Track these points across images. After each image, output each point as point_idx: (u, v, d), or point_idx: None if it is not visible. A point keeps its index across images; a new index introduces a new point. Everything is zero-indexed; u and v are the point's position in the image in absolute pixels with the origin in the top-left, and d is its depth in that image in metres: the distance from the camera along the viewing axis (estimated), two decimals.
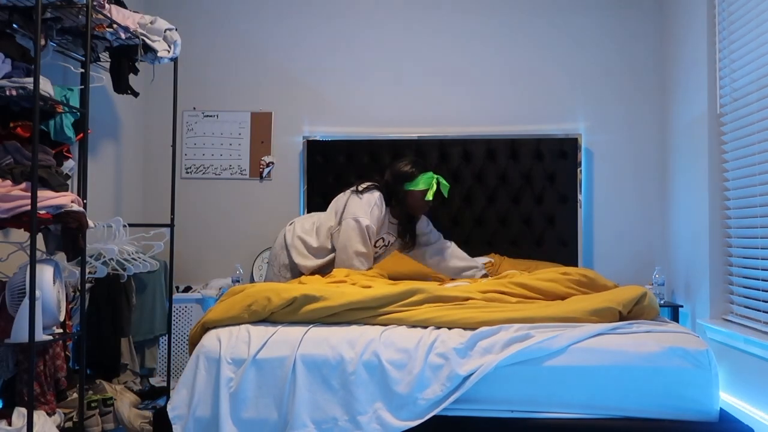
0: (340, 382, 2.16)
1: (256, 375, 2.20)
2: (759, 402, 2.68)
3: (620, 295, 2.49)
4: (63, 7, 2.62)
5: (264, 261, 4.21)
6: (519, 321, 2.31)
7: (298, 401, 2.13)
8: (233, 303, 2.48)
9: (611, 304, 2.41)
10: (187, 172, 4.37)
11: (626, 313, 2.45)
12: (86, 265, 2.71)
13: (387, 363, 2.17)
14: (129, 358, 3.28)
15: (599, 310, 2.38)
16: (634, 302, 2.46)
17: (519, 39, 4.25)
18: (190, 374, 2.25)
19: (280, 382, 2.18)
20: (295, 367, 2.19)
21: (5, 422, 2.27)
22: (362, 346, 2.22)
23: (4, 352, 2.50)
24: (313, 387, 2.17)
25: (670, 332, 2.30)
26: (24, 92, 2.39)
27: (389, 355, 2.19)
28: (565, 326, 2.28)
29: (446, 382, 2.12)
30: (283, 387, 2.18)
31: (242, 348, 2.27)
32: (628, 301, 2.45)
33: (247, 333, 2.32)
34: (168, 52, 3.30)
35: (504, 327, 2.26)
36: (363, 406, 2.12)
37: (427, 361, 2.16)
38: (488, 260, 3.86)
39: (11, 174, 2.36)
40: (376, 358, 2.18)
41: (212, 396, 2.21)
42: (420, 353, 2.17)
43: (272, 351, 2.24)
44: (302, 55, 4.37)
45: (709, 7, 3.32)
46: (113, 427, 2.92)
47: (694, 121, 3.51)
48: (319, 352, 2.22)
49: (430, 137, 4.20)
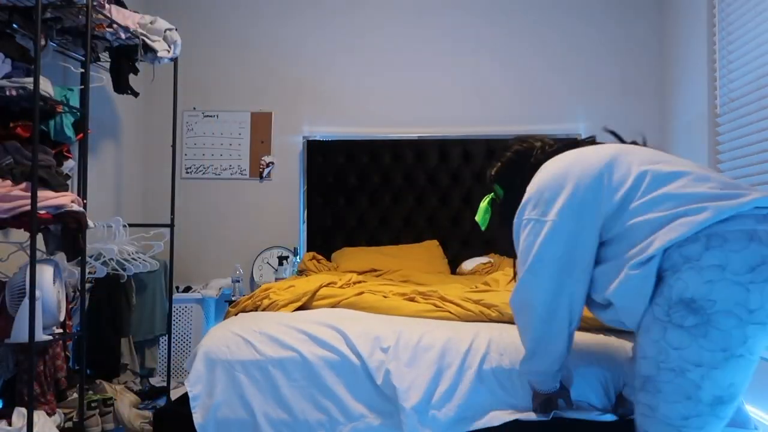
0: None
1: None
2: (759, 402, 2.68)
3: None
4: (63, 7, 2.63)
5: (264, 261, 4.21)
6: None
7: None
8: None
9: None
10: (187, 172, 4.37)
11: None
12: (86, 265, 2.71)
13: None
14: (129, 358, 3.28)
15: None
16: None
17: (519, 39, 4.25)
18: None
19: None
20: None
21: (5, 422, 2.27)
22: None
23: (4, 352, 2.50)
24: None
25: None
26: (24, 92, 2.39)
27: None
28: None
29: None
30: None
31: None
32: None
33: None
34: (168, 52, 3.30)
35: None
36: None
37: None
38: (488, 260, 3.86)
39: (11, 174, 2.36)
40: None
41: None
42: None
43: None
44: (302, 55, 4.37)
45: (709, 8, 3.32)
46: (113, 427, 2.92)
47: (693, 122, 3.52)
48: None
49: (430, 137, 4.21)
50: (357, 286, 2.86)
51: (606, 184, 1.62)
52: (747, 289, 1.42)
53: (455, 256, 4.10)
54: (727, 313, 1.43)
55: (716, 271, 1.44)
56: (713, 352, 1.45)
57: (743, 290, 1.43)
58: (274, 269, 4.13)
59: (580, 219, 1.64)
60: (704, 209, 1.46)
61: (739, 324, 1.43)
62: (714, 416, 1.49)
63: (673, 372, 1.49)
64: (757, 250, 1.43)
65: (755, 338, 1.45)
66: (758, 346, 1.47)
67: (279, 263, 3.93)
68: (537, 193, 1.72)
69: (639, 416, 1.63)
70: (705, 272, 1.44)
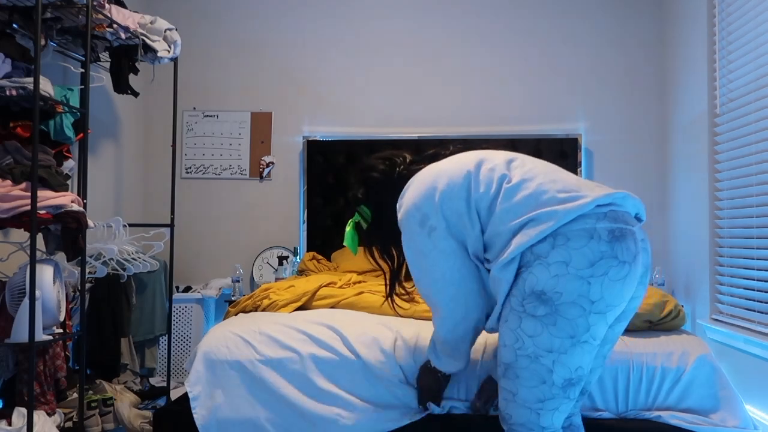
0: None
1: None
2: (759, 402, 2.68)
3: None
4: (63, 7, 2.62)
5: (264, 261, 4.21)
6: None
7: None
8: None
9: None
10: (187, 172, 4.37)
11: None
12: (86, 265, 2.71)
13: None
14: (129, 358, 3.28)
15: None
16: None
17: (519, 39, 4.25)
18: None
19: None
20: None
21: (5, 422, 2.27)
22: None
23: (4, 352, 2.50)
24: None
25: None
26: (24, 92, 2.39)
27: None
28: None
29: None
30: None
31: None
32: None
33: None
34: (168, 52, 3.30)
35: None
36: None
37: None
38: None
39: (11, 174, 2.36)
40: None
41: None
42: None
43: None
44: (302, 55, 4.37)
45: (709, 8, 3.32)
46: (113, 427, 2.92)
47: (693, 122, 3.52)
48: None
49: (430, 137, 4.20)
50: (357, 286, 2.86)
51: (474, 189, 1.75)
52: (588, 283, 1.59)
53: None
54: (572, 304, 1.60)
55: (561, 266, 1.60)
56: (562, 339, 1.62)
57: (585, 283, 1.59)
58: (274, 269, 4.13)
59: (459, 226, 1.76)
60: (551, 215, 1.62)
61: (583, 313, 1.61)
62: (565, 397, 1.68)
63: (529, 358, 1.66)
64: (595, 247, 1.60)
65: (596, 326, 1.63)
66: (599, 332, 1.66)
67: (279, 263, 3.93)
68: (414, 208, 1.80)
69: (502, 401, 1.78)
70: (552, 268, 1.61)
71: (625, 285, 1.63)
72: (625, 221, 1.66)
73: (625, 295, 1.64)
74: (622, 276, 1.61)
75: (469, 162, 1.80)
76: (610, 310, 1.63)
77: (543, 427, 1.70)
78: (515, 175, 1.75)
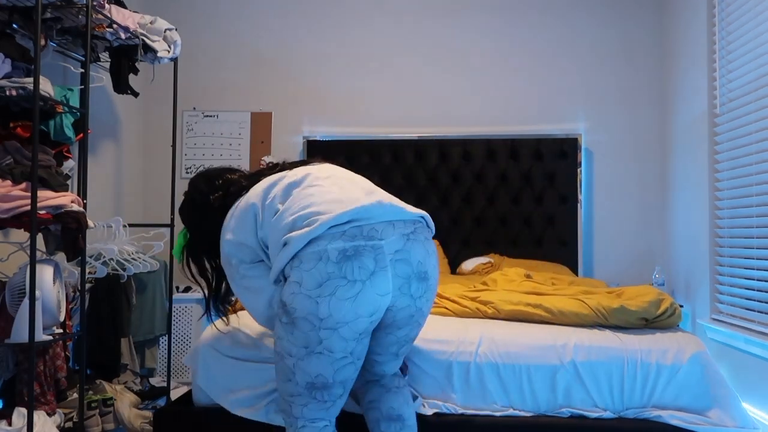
0: None
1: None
2: (759, 402, 2.68)
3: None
4: (63, 7, 2.63)
5: None
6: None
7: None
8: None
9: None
10: (187, 172, 4.37)
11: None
12: (86, 265, 2.71)
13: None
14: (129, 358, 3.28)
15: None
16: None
17: (519, 39, 4.25)
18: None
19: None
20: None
21: (5, 422, 2.27)
22: None
23: (4, 352, 2.50)
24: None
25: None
26: (24, 92, 2.39)
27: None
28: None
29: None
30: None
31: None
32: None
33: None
34: (168, 52, 3.30)
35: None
36: None
37: None
38: (488, 260, 3.87)
39: (11, 174, 2.36)
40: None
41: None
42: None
43: None
44: (302, 55, 4.37)
45: (709, 8, 3.32)
46: (113, 427, 2.92)
47: (693, 122, 3.52)
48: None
49: (430, 137, 4.21)
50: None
51: (259, 217, 1.91)
52: (316, 302, 1.72)
53: (455, 256, 4.10)
54: (303, 319, 1.74)
55: (296, 286, 1.75)
56: (298, 347, 1.77)
57: (313, 303, 1.73)
58: None
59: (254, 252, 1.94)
60: (290, 241, 1.77)
61: (313, 329, 1.74)
62: (312, 398, 1.82)
63: (279, 355, 1.83)
64: (323, 268, 1.73)
65: (330, 340, 1.75)
66: (337, 347, 1.76)
67: None
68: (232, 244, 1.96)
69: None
70: (290, 286, 1.77)
71: (357, 302, 1.72)
72: (369, 236, 1.76)
73: (361, 311, 1.73)
74: (352, 295, 1.72)
75: (257, 195, 1.95)
76: (341, 326, 1.73)
77: (296, 417, 1.85)
78: (287, 202, 1.89)
